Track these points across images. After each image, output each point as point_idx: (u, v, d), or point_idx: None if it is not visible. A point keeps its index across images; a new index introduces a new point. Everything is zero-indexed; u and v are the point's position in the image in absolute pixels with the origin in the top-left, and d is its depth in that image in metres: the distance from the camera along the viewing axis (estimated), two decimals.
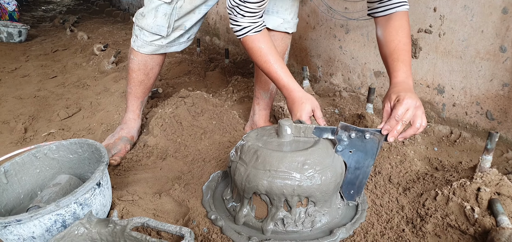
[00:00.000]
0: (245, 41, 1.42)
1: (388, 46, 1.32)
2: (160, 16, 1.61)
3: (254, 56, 1.43)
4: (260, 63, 1.42)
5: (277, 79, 1.41)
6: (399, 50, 1.29)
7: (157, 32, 1.64)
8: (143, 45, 1.69)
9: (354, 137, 1.18)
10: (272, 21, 1.71)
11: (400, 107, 1.11)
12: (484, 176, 1.23)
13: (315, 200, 1.14)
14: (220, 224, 1.18)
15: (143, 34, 1.67)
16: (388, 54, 1.31)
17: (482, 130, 1.77)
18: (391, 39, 1.31)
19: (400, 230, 1.16)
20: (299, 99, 1.37)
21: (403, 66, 1.26)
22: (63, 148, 1.28)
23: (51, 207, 0.96)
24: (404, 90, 1.16)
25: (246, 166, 1.16)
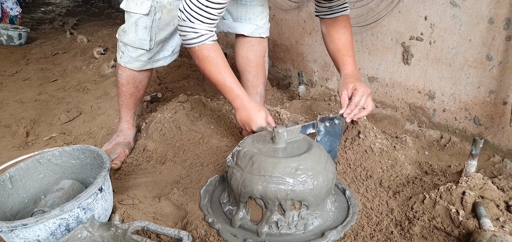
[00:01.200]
0: (201, 49, 1.39)
1: (337, 43, 1.57)
2: (141, 30, 1.61)
3: (208, 65, 1.42)
4: (214, 74, 1.43)
5: (231, 89, 1.44)
6: (346, 47, 1.56)
7: (140, 46, 1.64)
8: (130, 61, 1.69)
9: (328, 125, 1.44)
10: (247, 28, 1.79)
11: (357, 95, 1.41)
12: (469, 180, 1.28)
13: (307, 204, 1.20)
14: (217, 227, 1.23)
15: (127, 50, 1.67)
16: (337, 49, 1.56)
17: (470, 135, 1.83)
18: (339, 37, 1.56)
19: (389, 232, 1.21)
20: (255, 108, 1.44)
21: (351, 60, 1.54)
22: (66, 154, 1.33)
23: (55, 211, 1.01)
24: (357, 81, 1.45)
25: (242, 171, 1.21)
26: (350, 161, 1.62)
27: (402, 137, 1.87)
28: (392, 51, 2.10)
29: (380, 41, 2.15)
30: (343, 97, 1.45)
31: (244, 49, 1.87)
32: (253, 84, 1.90)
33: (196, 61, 1.45)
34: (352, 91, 1.43)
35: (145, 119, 2.16)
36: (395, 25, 2.04)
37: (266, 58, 1.93)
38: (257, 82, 1.90)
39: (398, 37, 2.04)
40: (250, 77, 1.89)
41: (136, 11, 1.59)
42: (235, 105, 1.47)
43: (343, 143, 1.72)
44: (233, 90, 1.44)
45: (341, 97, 1.45)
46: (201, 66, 1.44)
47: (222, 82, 1.44)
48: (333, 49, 1.59)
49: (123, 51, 1.69)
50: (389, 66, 2.15)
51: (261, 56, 1.88)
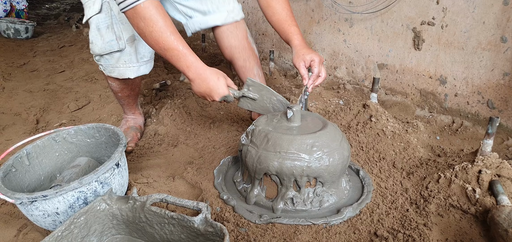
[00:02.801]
0: (147, 7, 1.21)
1: (280, 13, 1.55)
2: (105, 32, 1.48)
3: (156, 28, 1.24)
4: (163, 38, 1.25)
5: (184, 55, 1.29)
6: (291, 17, 1.56)
7: (111, 49, 1.51)
8: (112, 70, 1.57)
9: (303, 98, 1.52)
10: (219, 18, 1.72)
11: (316, 66, 1.46)
12: (485, 159, 1.28)
13: (323, 181, 1.20)
14: (232, 203, 1.23)
15: (105, 60, 1.55)
16: (283, 20, 1.55)
17: (483, 119, 1.82)
18: (281, 8, 1.56)
19: (405, 210, 1.21)
20: (212, 75, 1.34)
21: (298, 29, 1.55)
22: (81, 132, 1.33)
23: (74, 184, 1.01)
24: (311, 51, 1.48)
25: (257, 149, 1.21)
26: (362, 143, 1.62)
27: (413, 122, 1.86)
28: (402, 37, 2.10)
29: (390, 28, 2.15)
30: (302, 69, 1.48)
31: (225, 38, 1.81)
32: (247, 68, 1.84)
33: (139, 25, 1.24)
34: (309, 63, 1.47)
35: (155, 106, 2.17)
36: (406, 10, 2.03)
37: (250, 39, 1.88)
38: (250, 65, 1.84)
39: (409, 23, 2.03)
40: (241, 63, 1.84)
41: (91, 14, 1.48)
42: (190, 76, 1.33)
43: (355, 126, 1.72)
44: (186, 56, 1.29)
45: (300, 69, 1.48)
46: (146, 30, 1.24)
47: (174, 47, 1.27)
48: (277, 20, 1.57)
49: (102, 64, 1.57)
50: (399, 53, 2.14)
51: (244, 38, 1.82)
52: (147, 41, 1.29)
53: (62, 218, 1.05)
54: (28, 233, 1.12)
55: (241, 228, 1.14)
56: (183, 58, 1.30)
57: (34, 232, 1.12)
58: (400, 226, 1.14)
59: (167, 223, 0.97)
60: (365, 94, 2.33)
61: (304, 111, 1.38)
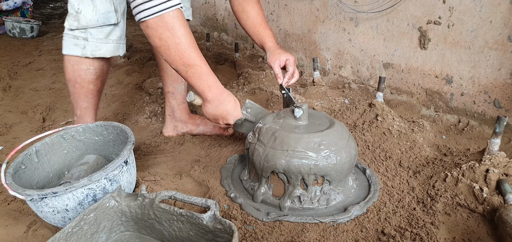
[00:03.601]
0: (176, 16, 1.14)
1: (255, 18, 1.58)
2: (100, 2, 1.34)
3: (183, 40, 1.16)
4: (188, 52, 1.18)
5: (208, 74, 1.24)
6: (264, 21, 1.60)
7: (105, 22, 1.37)
8: (99, 47, 1.40)
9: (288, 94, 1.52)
10: None
11: (291, 65, 1.50)
12: (492, 158, 1.28)
13: (330, 179, 1.20)
14: (240, 201, 1.24)
15: (91, 35, 1.38)
16: (257, 24, 1.58)
17: (489, 118, 1.82)
18: (256, 12, 1.58)
19: (411, 209, 1.21)
20: (229, 98, 1.32)
21: (271, 32, 1.59)
22: (89, 130, 1.34)
23: (84, 181, 1.02)
24: (285, 52, 1.52)
25: (264, 147, 1.21)
26: (368, 142, 1.62)
27: (419, 121, 1.86)
28: (408, 37, 2.09)
29: (396, 27, 2.14)
30: (276, 68, 1.50)
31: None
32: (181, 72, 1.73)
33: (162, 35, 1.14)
34: (284, 62, 1.51)
35: (160, 104, 2.17)
36: (412, 10, 2.03)
37: None
38: None
39: (415, 22, 2.03)
40: None
41: None
42: (209, 96, 1.26)
43: (361, 125, 1.72)
44: (208, 76, 1.24)
45: (274, 68, 1.51)
46: (170, 42, 1.15)
47: (197, 63, 1.20)
48: (252, 24, 1.59)
49: (85, 38, 1.38)
50: (405, 52, 2.14)
51: None
52: (168, 53, 1.17)
53: (72, 215, 1.06)
54: (37, 230, 1.13)
55: (248, 225, 1.14)
56: (205, 77, 1.23)
57: (44, 229, 1.13)
58: (408, 225, 1.14)
59: (176, 220, 0.97)
60: (371, 93, 2.33)
61: (311, 110, 1.39)
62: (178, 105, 1.76)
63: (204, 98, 1.28)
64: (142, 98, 2.33)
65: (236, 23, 3.84)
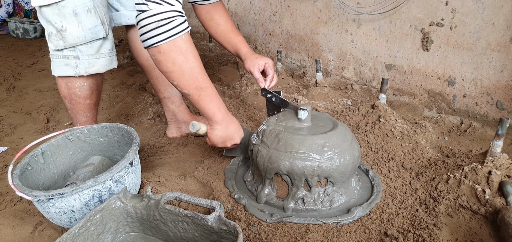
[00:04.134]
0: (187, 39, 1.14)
1: (225, 25, 1.56)
2: (84, 16, 1.29)
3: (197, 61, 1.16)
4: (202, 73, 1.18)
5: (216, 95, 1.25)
6: (235, 28, 1.58)
7: (94, 36, 1.33)
8: (92, 63, 1.37)
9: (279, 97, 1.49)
10: None
11: (270, 69, 1.50)
12: (495, 160, 1.29)
13: (333, 181, 1.21)
14: (244, 202, 1.25)
15: (81, 52, 1.34)
16: (229, 31, 1.56)
17: (492, 120, 1.83)
18: (225, 20, 1.56)
19: (414, 210, 1.22)
20: (234, 120, 1.34)
21: (244, 39, 1.57)
22: (94, 132, 1.35)
23: (90, 182, 1.03)
24: (262, 57, 1.51)
25: (268, 148, 1.22)
26: (371, 144, 1.62)
27: (421, 123, 1.87)
28: (410, 38, 2.10)
29: (399, 28, 2.15)
30: (257, 73, 1.50)
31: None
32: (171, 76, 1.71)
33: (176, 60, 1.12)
34: (263, 67, 1.50)
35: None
36: (414, 11, 2.04)
37: None
38: None
39: (418, 24, 2.04)
40: None
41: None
42: (219, 118, 1.27)
43: (364, 126, 1.73)
44: (218, 96, 1.25)
45: (254, 73, 1.50)
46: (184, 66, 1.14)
47: (208, 85, 1.21)
48: (223, 31, 1.57)
49: (76, 56, 1.34)
50: (407, 53, 2.15)
51: None
52: (181, 78, 1.15)
53: (78, 216, 1.07)
54: (43, 230, 1.14)
55: (252, 226, 1.15)
56: (216, 99, 1.24)
57: (50, 229, 1.15)
58: (410, 226, 1.14)
59: (181, 221, 0.98)
60: (373, 94, 2.34)
61: (314, 112, 1.39)
62: (177, 107, 1.77)
63: (214, 121, 1.27)
64: (146, 99, 2.34)
65: (239, 24, 3.85)
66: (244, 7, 3.66)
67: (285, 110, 1.42)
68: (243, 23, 3.76)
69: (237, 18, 3.84)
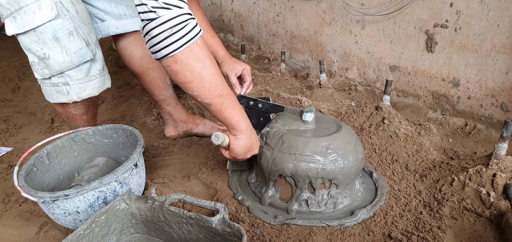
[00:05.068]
0: (202, 45, 1.04)
1: (201, 25, 1.41)
2: (66, 40, 1.21)
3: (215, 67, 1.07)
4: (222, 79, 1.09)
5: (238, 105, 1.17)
6: (211, 30, 1.49)
7: (81, 60, 1.25)
8: (83, 88, 1.31)
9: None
10: (138, 23, 1.52)
11: (248, 75, 1.44)
12: (499, 163, 1.28)
13: (337, 183, 1.21)
14: (247, 204, 1.25)
15: (70, 78, 1.27)
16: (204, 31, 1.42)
17: (497, 122, 1.82)
18: (200, 19, 1.45)
19: (418, 213, 1.22)
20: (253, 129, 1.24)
21: (219, 40, 1.49)
22: (99, 133, 1.36)
23: (95, 183, 1.04)
24: (240, 62, 1.44)
25: (272, 150, 1.23)
26: (375, 145, 1.62)
27: (425, 125, 1.86)
28: (415, 40, 2.09)
29: (403, 30, 2.15)
30: (233, 78, 1.43)
31: (139, 47, 1.61)
32: (161, 78, 1.69)
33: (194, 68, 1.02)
34: (241, 72, 1.44)
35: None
36: (419, 13, 2.03)
37: None
38: (164, 74, 1.69)
39: (422, 25, 2.03)
40: (156, 74, 1.67)
41: (40, 22, 1.16)
42: (242, 126, 1.16)
43: (368, 128, 1.73)
44: (239, 104, 1.17)
45: (231, 78, 1.43)
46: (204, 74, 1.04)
47: (229, 92, 1.11)
48: None
49: (65, 83, 1.27)
50: (411, 55, 2.14)
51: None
52: (202, 87, 1.05)
53: (82, 217, 1.07)
54: (48, 231, 1.15)
55: (256, 228, 1.15)
56: (238, 106, 1.15)
57: (55, 230, 1.15)
58: (414, 229, 1.14)
59: (185, 223, 0.99)
60: (377, 96, 2.33)
61: (319, 114, 1.39)
62: (174, 108, 1.76)
63: (239, 129, 1.16)
64: (150, 100, 2.35)
65: (242, 25, 3.85)
66: (248, 8, 3.67)
67: (284, 114, 1.38)
68: (246, 24, 3.76)
69: (241, 19, 3.85)
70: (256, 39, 3.64)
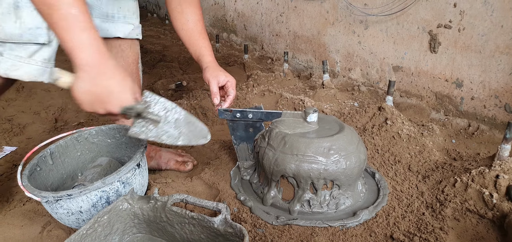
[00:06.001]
0: None
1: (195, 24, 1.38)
2: (27, 14, 0.99)
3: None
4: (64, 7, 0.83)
5: (84, 26, 0.87)
6: (204, 30, 1.40)
7: (32, 39, 1.01)
8: (16, 66, 1.03)
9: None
10: (122, 29, 1.41)
11: (232, 88, 1.34)
12: (502, 164, 1.28)
13: (339, 184, 1.21)
14: (249, 204, 1.26)
15: (8, 51, 1.01)
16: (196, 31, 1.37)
17: (500, 123, 1.81)
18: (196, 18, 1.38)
19: (420, 214, 1.22)
20: (116, 69, 0.94)
21: (209, 44, 1.40)
22: (102, 133, 1.36)
23: (98, 183, 1.04)
24: (225, 73, 1.34)
25: (274, 151, 1.23)
26: (377, 146, 1.62)
27: (428, 125, 1.86)
28: (418, 40, 2.09)
29: (406, 30, 2.14)
30: (215, 86, 1.31)
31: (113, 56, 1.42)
32: None
33: None
34: (224, 83, 1.34)
35: None
36: (422, 13, 2.03)
37: (140, 64, 1.57)
38: None
39: (425, 26, 2.03)
40: None
41: None
42: (79, 60, 0.87)
43: (370, 128, 1.72)
44: (86, 29, 0.87)
45: (212, 86, 1.32)
46: None
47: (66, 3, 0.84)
48: (191, 29, 1.39)
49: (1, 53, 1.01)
50: (414, 55, 2.14)
51: (135, 62, 1.51)
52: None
53: (85, 216, 1.08)
54: (52, 230, 1.16)
55: (258, 229, 1.16)
56: (79, 30, 0.85)
57: (58, 230, 1.16)
58: (416, 230, 1.14)
59: (187, 223, 0.99)
60: (380, 96, 2.33)
61: (321, 114, 1.39)
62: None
63: (77, 64, 0.87)
64: None
65: (245, 25, 3.86)
66: (251, 8, 3.67)
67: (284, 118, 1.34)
68: (250, 24, 3.76)
69: (244, 19, 3.85)
70: (259, 39, 3.65)
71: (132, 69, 1.49)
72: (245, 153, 1.44)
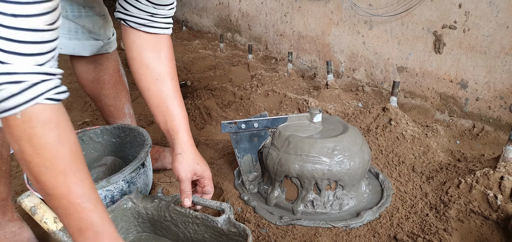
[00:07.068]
0: (29, 119, 0.64)
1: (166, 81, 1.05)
2: None
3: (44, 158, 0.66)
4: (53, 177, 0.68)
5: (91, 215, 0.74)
6: (179, 90, 1.08)
7: None
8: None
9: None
10: (90, 47, 1.31)
11: (209, 184, 1.08)
12: (507, 165, 1.27)
13: (343, 184, 1.21)
14: (253, 204, 1.26)
15: None
16: (167, 93, 1.05)
17: (505, 124, 1.80)
18: (168, 72, 1.07)
19: (424, 215, 1.21)
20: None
21: (185, 114, 1.08)
22: (107, 132, 1.37)
23: (103, 182, 1.05)
24: (202, 160, 1.06)
25: (278, 151, 1.23)
26: (381, 147, 1.62)
27: (432, 126, 1.85)
28: (423, 41, 2.09)
29: (411, 31, 2.14)
30: (187, 184, 1.02)
31: (91, 71, 1.40)
32: (117, 107, 1.49)
33: (15, 147, 0.66)
34: (200, 175, 1.06)
35: None
36: (427, 14, 2.02)
37: (122, 71, 1.52)
38: (121, 104, 1.50)
39: (430, 26, 2.02)
40: (110, 101, 1.47)
41: None
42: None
43: (374, 129, 1.72)
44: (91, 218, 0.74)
45: (185, 181, 1.01)
46: (26, 158, 0.66)
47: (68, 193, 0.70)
48: (159, 91, 1.05)
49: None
50: (419, 56, 2.13)
51: (116, 71, 1.46)
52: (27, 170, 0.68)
53: None
54: None
55: (262, 228, 1.16)
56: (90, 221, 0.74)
57: None
58: (420, 231, 1.14)
59: (191, 222, 1.00)
60: (384, 97, 2.32)
61: (325, 115, 1.39)
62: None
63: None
64: None
65: (250, 25, 3.86)
66: (255, 8, 3.67)
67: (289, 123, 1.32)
68: (254, 24, 3.77)
69: (249, 19, 3.85)
70: (263, 39, 3.65)
71: (115, 79, 1.46)
72: (249, 165, 1.34)
